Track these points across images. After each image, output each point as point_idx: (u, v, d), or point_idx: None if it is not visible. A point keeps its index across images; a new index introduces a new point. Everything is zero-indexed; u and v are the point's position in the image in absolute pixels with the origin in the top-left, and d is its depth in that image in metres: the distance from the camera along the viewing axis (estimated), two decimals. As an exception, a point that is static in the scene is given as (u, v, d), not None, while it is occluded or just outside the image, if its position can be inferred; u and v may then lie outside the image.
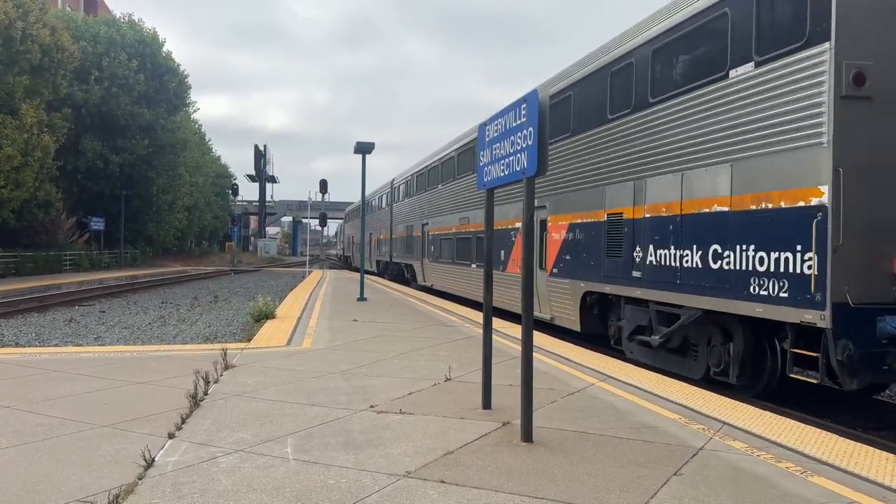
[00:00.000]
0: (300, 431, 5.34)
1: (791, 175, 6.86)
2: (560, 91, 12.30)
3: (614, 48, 10.52)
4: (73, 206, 41.57)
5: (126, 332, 13.77)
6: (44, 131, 31.73)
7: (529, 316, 5.26)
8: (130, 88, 41.34)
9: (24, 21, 28.79)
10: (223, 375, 7.52)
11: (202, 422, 5.57)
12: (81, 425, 5.46)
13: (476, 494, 4.02)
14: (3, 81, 28.56)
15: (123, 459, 4.59)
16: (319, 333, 11.37)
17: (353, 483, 4.19)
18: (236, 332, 13.68)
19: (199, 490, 4.04)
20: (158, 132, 44.60)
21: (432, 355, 9.14)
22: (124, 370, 7.90)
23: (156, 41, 44.36)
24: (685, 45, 8.82)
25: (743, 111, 7.52)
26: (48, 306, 19.10)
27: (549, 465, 4.58)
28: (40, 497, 3.94)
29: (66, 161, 37.57)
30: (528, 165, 5.15)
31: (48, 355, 9.08)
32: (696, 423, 5.74)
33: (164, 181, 48.36)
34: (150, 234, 50.83)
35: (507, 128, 5.62)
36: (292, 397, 6.53)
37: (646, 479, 4.30)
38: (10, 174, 28.80)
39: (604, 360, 9.06)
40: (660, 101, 9.10)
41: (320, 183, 27.47)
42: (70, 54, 33.47)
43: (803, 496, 4.05)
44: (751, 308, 7.28)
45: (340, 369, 8.02)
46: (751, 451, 4.93)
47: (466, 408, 6.13)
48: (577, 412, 6.08)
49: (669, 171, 8.82)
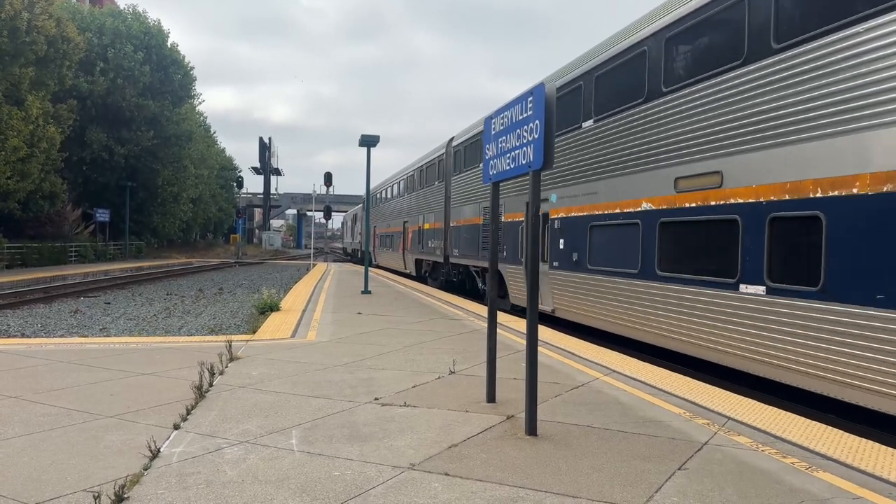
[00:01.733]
0: (305, 423, 5.35)
1: None
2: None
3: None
4: (79, 197, 41.69)
5: (131, 324, 13.81)
6: (49, 122, 31.80)
7: (534, 309, 5.25)
8: (136, 80, 41.35)
9: (29, 12, 28.78)
10: (228, 367, 7.54)
11: (207, 413, 5.58)
12: (87, 416, 5.48)
13: (480, 487, 4.02)
14: (9, 73, 28.58)
15: (129, 450, 4.60)
16: (324, 326, 11.39)
17: (358, 475, 4.20)
18: (241, 324, 13.71)
19: (204, 481, 4.05)
20: (163, 124, 44.63)
21: (436, 348, 9.14)
22: (129, 361, 7.93)
23: (161, 33, 44.36)
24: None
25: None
26: (54, 297, 19.17)
27: (554, 458, 4.58)
28: (46, 487, 3.96)
29: (71, 152, 37.62)
30: (535, 159, 5.13)
31: (54, 346, 9.11)
32: (700, 417, 5.73)
33: (170, 173, 48.42)
34: (155, 225, 50.93)
35: (514, 121, 5.59)
36: (297, 389, 6.54)
37: (650, 474, 4.30)
38: (15, 165, 28.88)
39: (608, 354, 9.05)
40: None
41: (325, 176, 27.41)
42: (75, 45, 33.45)
43: (808, 491, 4.04)
44: None
45: (345, 362, 8.03)
46: (756, 446, 4.92)
47: (471, 401, 6.13)
48: (581, 406, 6.07)
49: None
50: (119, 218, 44.33)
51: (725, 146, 7.89)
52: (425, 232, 24.19)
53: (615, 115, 10.56)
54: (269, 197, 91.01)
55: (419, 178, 25.90)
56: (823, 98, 6.54)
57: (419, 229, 25.20)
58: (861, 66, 6.14)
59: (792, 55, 6.95)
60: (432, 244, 22.95)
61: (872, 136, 5.97)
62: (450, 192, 20.86)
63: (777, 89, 7.12)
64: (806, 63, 6.78)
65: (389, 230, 32.55)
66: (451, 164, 20.95)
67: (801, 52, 6.84)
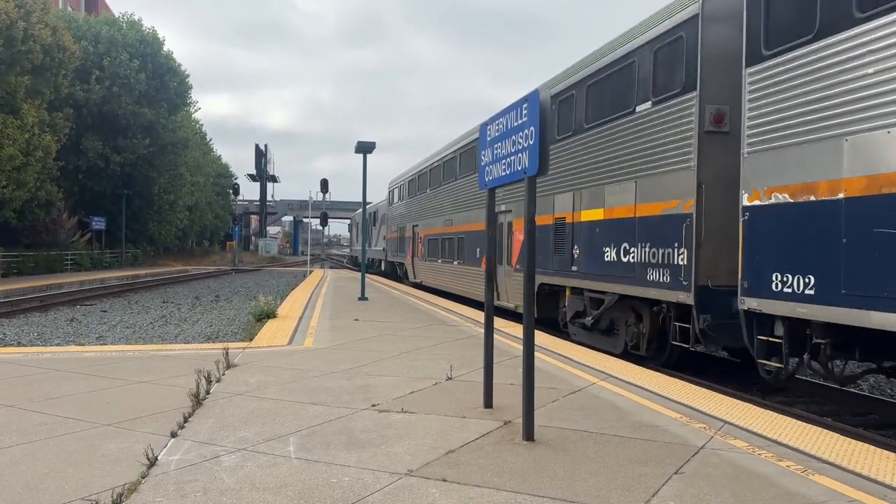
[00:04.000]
0: (302, 430, 5.35)
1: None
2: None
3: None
4: (75, 205, 41.64)
5: (128, 332, 13.79)
6: (45, 131, 31.79)
7: (531, 315, 5.27)
8: (131, 88, 41.38)
9: (25, 21, 28.82)
10: (225, 374, 7.54)
11: (205, 421, 5.58)
12: (84, 424, 5.47)
13: (478, 493, 4.03)
14: (5, 81, 28.60)
15: (126, 458, 4.60)
16: (321, 333, 11.39)
17: (356, 481, 4.20)
18: (238, 331, 13.70)
19: (202, 489, 4.05)
20: (159, 132, 44.66)
21: (434, 354, 9.15)
22: (126, 369, 7.92)
23: (157, 41, 44.44)
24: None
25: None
26: (50, 306, 19.12)
27: (551, 463, 4.59)
28: (44, 495, 3.96)
29: (67, 161, 37.60)
30: (530, 165, 5.15)
31: (50, 355, 9.09)
32: (697, 421, 5.75)
33: (166, 181, 48.42)
34: (152, 233, 50.90)
35: (509, 127, 5.63)
36: (294, 396, 6.55)
37: (647, 478, 4.31)
38: (11, 174, 28.85)
39: (605, 359, 9.08)
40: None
41: (321, 182, 27.51)
42: (71, 54, 33.49)
43: (804, 495, 4.06)
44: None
45: (342, 368, 8.04)
46: (752, 450, 4.94)
47: (468, 407, 6.14)
48: (578, 411, 6.09)
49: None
50: (115, 226, 44.31)
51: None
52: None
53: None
54: (265, 204, 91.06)
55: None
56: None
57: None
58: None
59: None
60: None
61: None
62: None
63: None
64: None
65: (454, 229, 20.50)
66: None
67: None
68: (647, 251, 9.28)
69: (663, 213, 8.95)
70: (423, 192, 25.95)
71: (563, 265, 11.93)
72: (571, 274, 11.60)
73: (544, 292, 12.80)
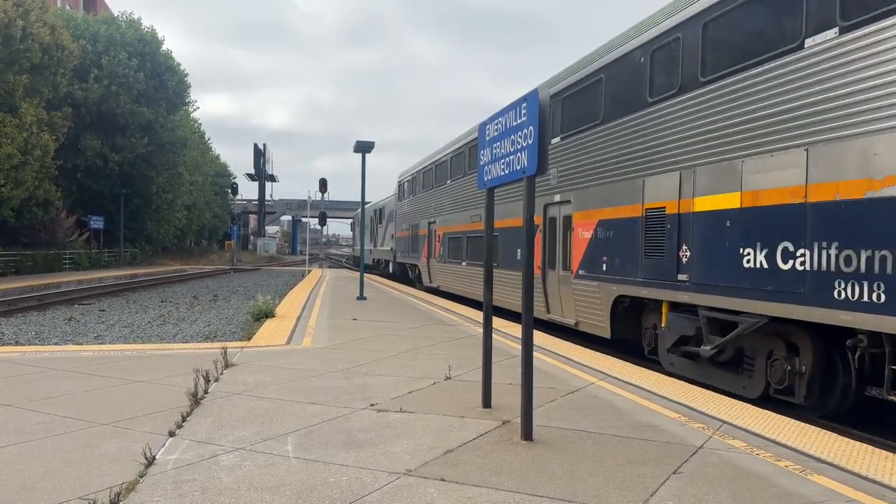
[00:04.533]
0: (300, 430, 5.34)
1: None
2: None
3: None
4: (73, 204, 41.57)
5: (126, 331, 13.77)
6: (43, 130, 31.73)
7: (530, 315, 5.27)
8: (130, 87, 41.33)
9: (24, 20, 28.78)
10: (223, 374, 7.53)
11: (203, 420, 5.57)
12: (82, 423, 5.47)
13: (476, 492, 4.03)
14: (3, 80, 28.55)
15: (124, 457, 4.59)
16: (319, 332, 11.38)
17: (354, 481, 4.20)
18: (236, 330, 13.69)
19: (199, 488, 4.05)
20: (158, 131, 44.60)
21: (432, 354, 9.14)
22: (124, 369, 7.91)
23: (155, 40, 44.38)
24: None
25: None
26: (48, 305, 19.09)
27: (550, 463, 4.59)
28: (42, 495, 3.95)
29: (65, 160, 37.54)
30: (529, 164, 5.15)
31: (48, 354, 9.08)
32: (696, 421, 5.75)
33: (164, 180, 48.35)
34: (150, 232, 50.82)
35: (508, 127, 5.62)
36: (293, 396, 6.54)
37: (646, 478, 4.31)
38: (9, 173, 28.80)
39: (604, 359, 9.08)
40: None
41: (320, 182, 27.53)
42: (70, 53, 33.45)
43: (803, 495, 4.06)
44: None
45: (340, 368, 8.03)
46: (750, 450, 4.94)
47: (467, 406, 6.14)
48: (577, 411, 6.09)
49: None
50: (114, 225, 44.23)
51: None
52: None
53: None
54: (263, 203, 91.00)
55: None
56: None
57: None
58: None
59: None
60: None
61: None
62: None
63: None
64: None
65: (476, 227, 18.33)
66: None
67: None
68: (832, 255, 6.28)
69: (870, 196, 5.94)
70: (441, 183, 22.27)
71: (658, 272, 8.97)
72: (676, 285, 8.59)
73: (622, 306, 10.23)
